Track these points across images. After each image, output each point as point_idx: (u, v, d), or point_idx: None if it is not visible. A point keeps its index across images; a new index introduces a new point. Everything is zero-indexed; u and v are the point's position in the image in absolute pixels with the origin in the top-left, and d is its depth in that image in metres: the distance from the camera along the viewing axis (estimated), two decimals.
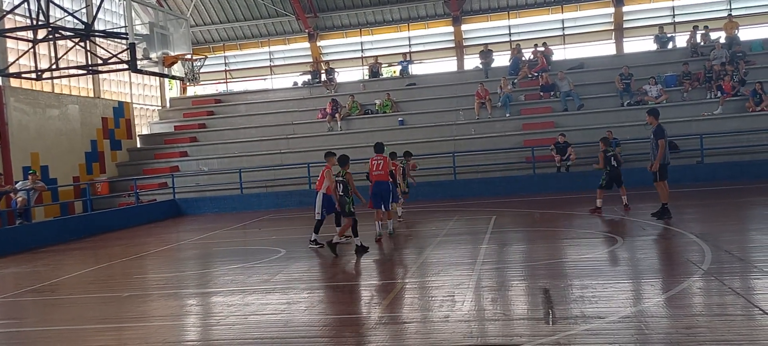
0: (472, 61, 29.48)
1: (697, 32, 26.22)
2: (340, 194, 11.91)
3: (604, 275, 8.84)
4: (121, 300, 9.28)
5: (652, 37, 27.45)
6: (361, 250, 11.65)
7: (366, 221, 13.19)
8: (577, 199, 17.90)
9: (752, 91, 22.18)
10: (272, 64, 32.50)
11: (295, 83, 30.71)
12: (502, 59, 27.84)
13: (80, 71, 20.89)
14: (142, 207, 22.55)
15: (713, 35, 26.04)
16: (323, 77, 29.53)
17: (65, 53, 20.47)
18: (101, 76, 25.85)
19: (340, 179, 11.99)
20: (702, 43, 25.93)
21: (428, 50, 30.97)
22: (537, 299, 7.65)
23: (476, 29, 30.38)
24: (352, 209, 11.94)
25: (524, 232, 13.38)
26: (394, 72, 30.86)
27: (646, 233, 11.85)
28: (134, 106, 28.61)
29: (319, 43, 31.28)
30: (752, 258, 9.09)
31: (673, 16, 28.63)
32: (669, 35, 27.31)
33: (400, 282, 9.17)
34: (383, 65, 30.31)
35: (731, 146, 21.20)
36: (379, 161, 13.16)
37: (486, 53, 27.91)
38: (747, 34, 26.74)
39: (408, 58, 29.72)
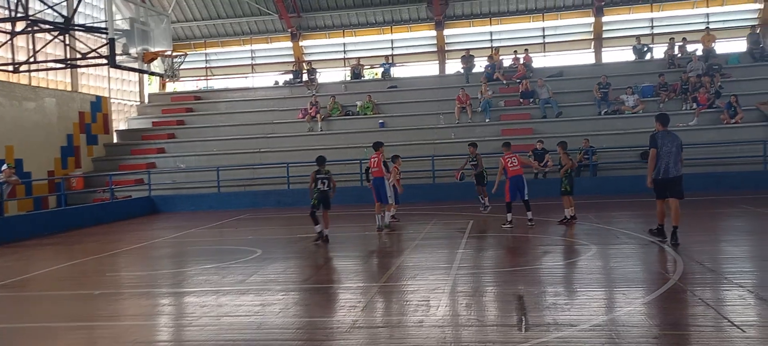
0: (453, 66, 29.65)
1: (675, 44, 26.56)
2: (325, 189, 13.09)
3: (577, 283, 8.93)
4: (93, 298, 9.18)
5: (631, 47, 27.77)
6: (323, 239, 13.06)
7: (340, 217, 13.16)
8: (554, 206, 18.03)
9: (727, 104, 22.50)
10: (254, 62, 32.37)
11: (276, 82, 30.62)
12: (483, 65, 27.97)
13: (58, 65, 20.64)
14: (118, 203, 22.32)
15: (690, 47, 26.38)
16: (305, 77, 29.47)
17: (44, 46, 20.22)
18: (79, 69, 25.54)
19: (324, 176, 13.11)
20: (679, 55, 26.27)
21: (410, 53, 31.07)
22: (511, 306, 7.70)
23: (458, 34, 30.52)
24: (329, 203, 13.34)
25: (501, 237, 13.45)
26: (376, 74, 30.91)
27: (619, 242, 11.97)
28: (112, 100, 28.31)
29: (301, 43, 31.22)
30: (723, 270, 9.22)
31: (652, 27, 29.02)
32: (647, 46, 27.65)
33: (375, 286, 9.18)
34: (365, 67, 30.32)
35: (706, 157, 21.47)
36: (375, 159, 14.86)
37: (467, 58, 28.05)
38: (724, 47, 27.22)
39: (390, 61, 29.76)
